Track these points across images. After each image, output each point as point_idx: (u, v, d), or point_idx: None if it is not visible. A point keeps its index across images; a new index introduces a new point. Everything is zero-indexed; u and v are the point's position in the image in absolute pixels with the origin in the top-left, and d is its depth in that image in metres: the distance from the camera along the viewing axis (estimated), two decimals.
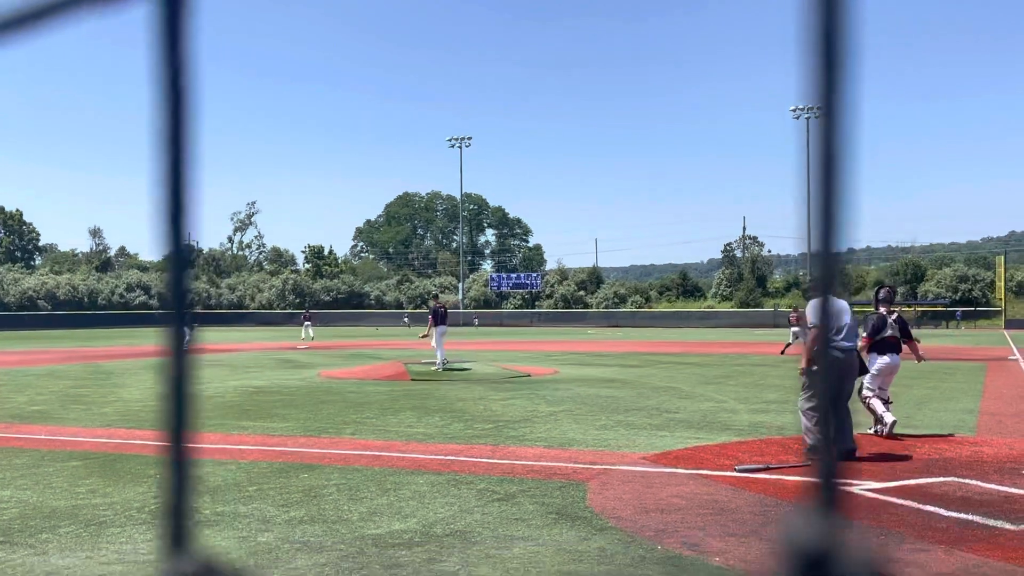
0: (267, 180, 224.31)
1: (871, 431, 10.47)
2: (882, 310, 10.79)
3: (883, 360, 10.65)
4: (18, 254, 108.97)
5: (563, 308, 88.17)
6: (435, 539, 6.10)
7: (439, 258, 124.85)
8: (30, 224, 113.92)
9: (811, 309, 10.73)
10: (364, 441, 10.49)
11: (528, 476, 8.24)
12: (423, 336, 22.94)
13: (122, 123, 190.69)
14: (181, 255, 0.62)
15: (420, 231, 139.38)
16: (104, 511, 6.91)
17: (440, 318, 21.93)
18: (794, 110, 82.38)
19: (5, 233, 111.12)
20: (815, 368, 9.69)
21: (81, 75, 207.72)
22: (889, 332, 10.62)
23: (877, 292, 11.07)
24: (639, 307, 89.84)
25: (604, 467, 8.65)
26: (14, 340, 49.78)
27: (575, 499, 7.27)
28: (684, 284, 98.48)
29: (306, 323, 49.38)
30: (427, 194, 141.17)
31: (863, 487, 7.59)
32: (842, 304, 9.95)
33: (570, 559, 5.62)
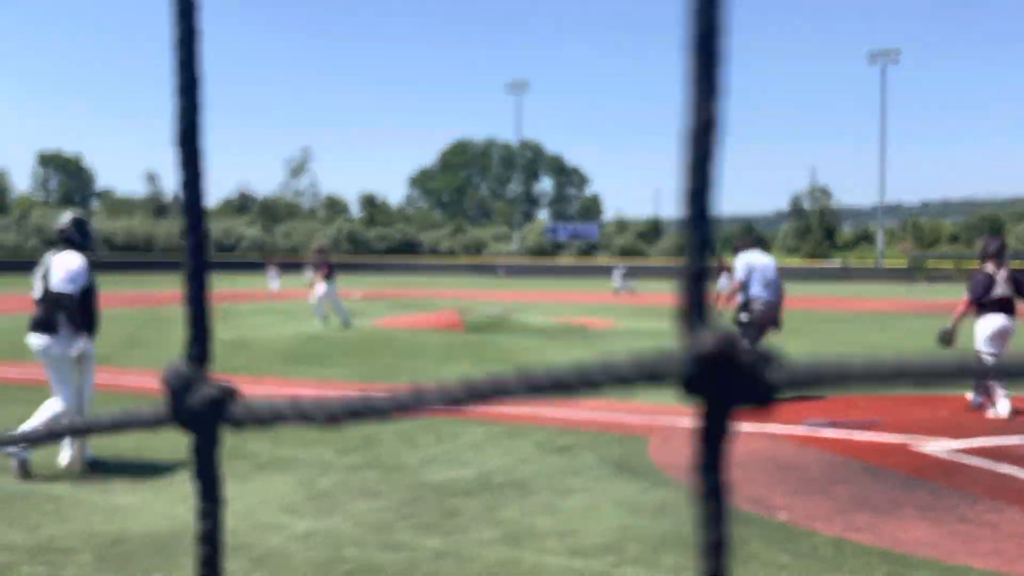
0: (322, 126, 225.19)
1: (972, 399, 9.70)
2: (989, 267, 9.38)
3: (992, 323, 9.29)
4: (76, 199, 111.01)
5: (621, 259, 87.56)
6: (493, 488, 6.04)
7: (494, 207, 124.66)
8: (88, 169, 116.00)
9: (739, 263, 10.51)
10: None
11: (586, 428, 8.14)
12: (310, 285, 21.06)
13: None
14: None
15: (475, 179, 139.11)
16: (167, 453, 6.97)
17: (331, 271, 20.53)
18: (870, 56, 79.14)
19: (64, 178, 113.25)
20: (742, 318, 10.25)
21: (143, 16, 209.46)
22: (999, 292, 9.28)
23: (986, 246, 9.55)
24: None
25: (665, 421, 8.51)
26: None
27: (635, 453, 7.16)
28: (752, 234, 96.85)
29: (270, 275, 40.52)
30: (483, 141, 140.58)
31: (936, 446, 7.35)
32: (769, 260, 10.69)
33: (629, 512, 5.52)
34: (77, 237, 6.68)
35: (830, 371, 0.45)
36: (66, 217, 6.81)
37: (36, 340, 6.49)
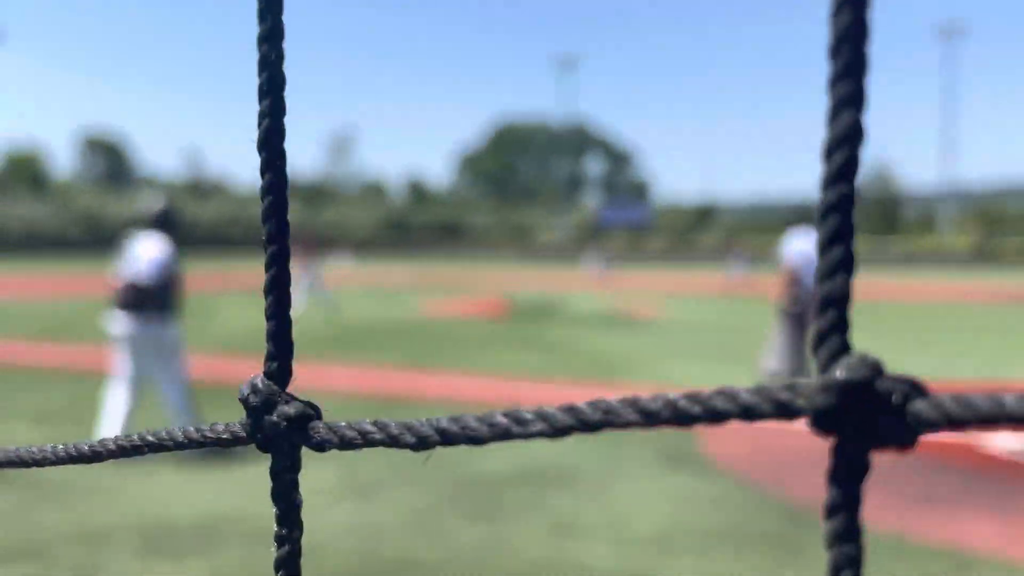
0: (366, 106, 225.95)
1: None
2: None
3: None
4: (117, 183, 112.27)
5: (672, 244, 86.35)
6: (541, 478, 5.92)
7: (541, 189, 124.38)
8: (129, 153, 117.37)
9: (790, 247, 9.92)
10: (466, 376, 10.39)
11: None
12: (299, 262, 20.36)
13: (212, 46, 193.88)
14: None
15: (522, 160, 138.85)
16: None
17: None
18: (940, 30, 76.79)
19: (107, 161, 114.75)
20: (792, 310, 9.25)
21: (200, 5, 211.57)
22: None
23: None
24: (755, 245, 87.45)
25: None
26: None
27: (685, 444, 7.00)
28: (805, 219, 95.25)
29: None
30: (530, 123, 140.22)
31: (1001, 444, 7.08)
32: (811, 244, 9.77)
33: (682, 504, 5.38)
34: (166, 222, 6.77)
35: (985, 408, 0.37)
36: (155, 202, 6.88)
37: (122, 324, 6.50)
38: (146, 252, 6.53)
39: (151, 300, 6.46)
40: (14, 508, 5.16)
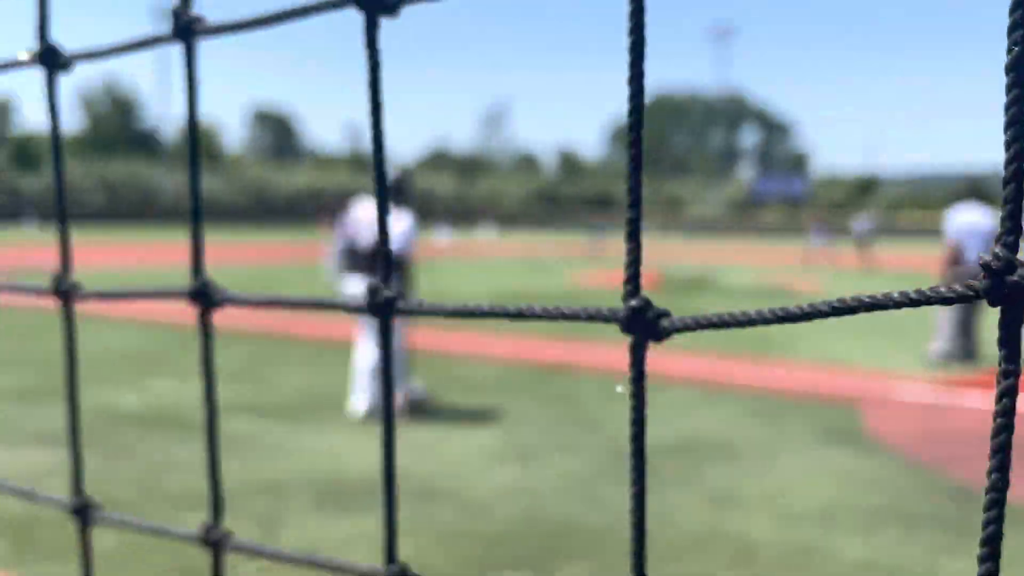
0: (518, 79, 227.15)
1: None
2: None
3: None
4: (284, 155, 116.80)
5: (831, 217, 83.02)
6: (696, 451, 5.92)
7: (693, 160, 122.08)
8: (295, 126, 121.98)
9: (951, 221, 9.11)
10: (619, 347, 10.41)
11: (793, 394, 7.83)
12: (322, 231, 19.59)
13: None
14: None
15: (674, 131, 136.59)
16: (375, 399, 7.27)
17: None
18: None
19: (274, 134, 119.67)
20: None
21: None
22: None
23: None
24: (919, 219, 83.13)
25: (882, 389, 8.06)
26: (284, 236, 54.17)
27: (848, 421, 6.82)
28: (977, 194, 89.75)
29: (441, 229, 30.44)
30: (683, 93, 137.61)
31: None
32: (986, 217, 9.22)
33: (844, 483, 5.27)
34: (400, 191, 6.86)
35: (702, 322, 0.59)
36: (395, 171, 6.98)
37: (356, 286, 6.78)
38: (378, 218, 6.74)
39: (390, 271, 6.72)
40: (202, 461, 5.57)
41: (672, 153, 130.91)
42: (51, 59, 0.64)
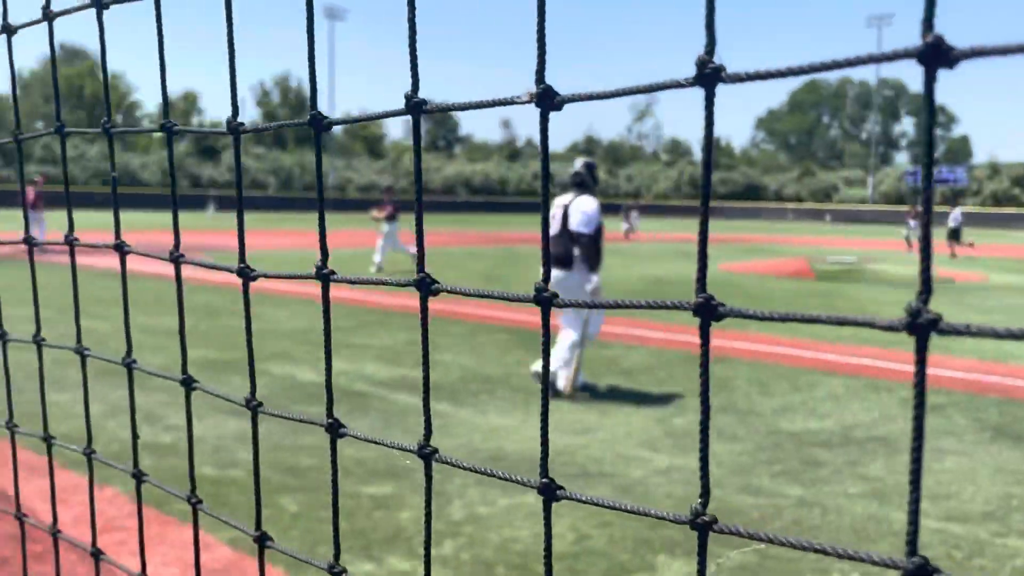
0: (668, 65, 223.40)
1: None
2: None
3: None
4: (440, 144, 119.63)
5: (993, 208, 78.32)
6: (855, 443, 5.84)
7: (846, 149, 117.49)
8: (451, 118, 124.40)
9: None
10: (772, 337, 10.29)
11: (958, 388, 7.57)
12: (375, 218, 19.20)
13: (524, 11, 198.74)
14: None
15: (826, 120, 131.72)
16: (530, 382, 7.47)
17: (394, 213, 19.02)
18: None
19: (431, 124, 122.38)
20: None
21: None
22: None
23: None
24: None
25: None
26: (438, 223, 55.35)
27: (1015, 417, 6.56)
28: None
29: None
30: (837, 80, 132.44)
31: None
32: None
33: (1012, 481, 5.10)
34: (589, 180, 7.19)
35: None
36: (579, 162, 7.29)
37: (552, 273, 7.11)
38: (575, 210, 6.98)
39: (577, 253, 6.98)
40: (371, 431, 5.90)
41: (824, 140, 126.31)
42: (546, 100, 0.73)
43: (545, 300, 0.74)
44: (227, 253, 22.87)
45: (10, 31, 1.18)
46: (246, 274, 1.00)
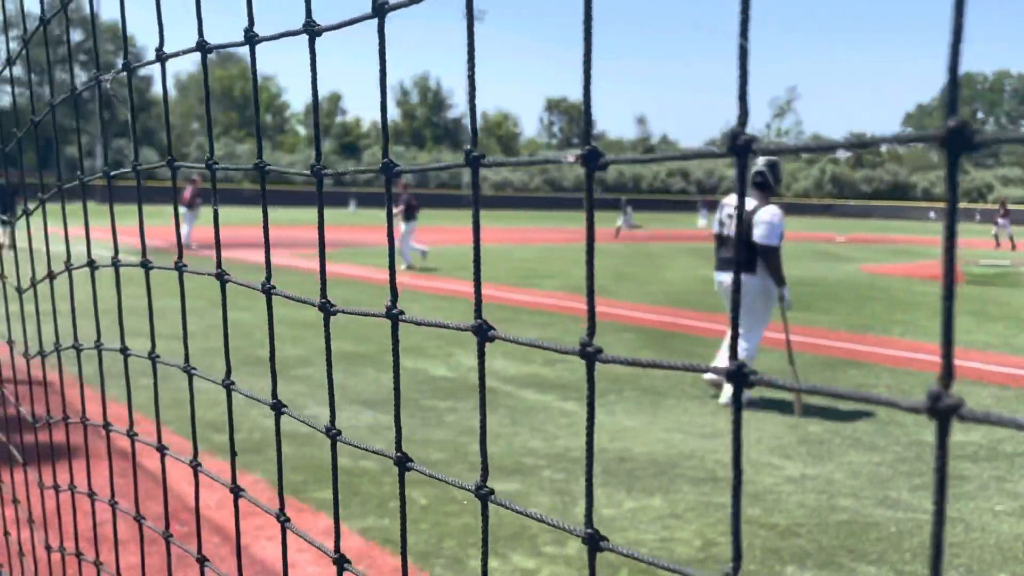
0: (809, 63, 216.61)
1: None
2: None
3: None
4: (574, 140, 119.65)
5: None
6: (1004, 457, 5.54)
7: (1003, 146, 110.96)
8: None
9: None
10: (914, 343, 9.85)
11: None
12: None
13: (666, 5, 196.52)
14: None
15: (981, 115, 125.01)
16: (660, 382, 7.40)
17: (411, 210, 17.97)
18: None
19: (566, 123, 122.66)
20: None
21: None
22: None
23: None
24: None
25: None
26: (569, 220, 55.33)
27: None
28: None
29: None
30: (993, 73, 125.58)
31: None
32: None
33: None
34: (771, 180, 6.83)
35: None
36: (761, 160, 6.90)
37: (727, 277, 6.95)
38: (759, 218, 6.61)
39: (760, 262, 6.69)
40: (499, 427, 5.97)
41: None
42: (592, 159, 0.74)
43: (590, 356, 0.77)
44: (370, 249, 23.57)
45: (163, 59, 1.27)
46: (327, 309, 1.13)
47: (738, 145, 0.60)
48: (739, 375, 0.63)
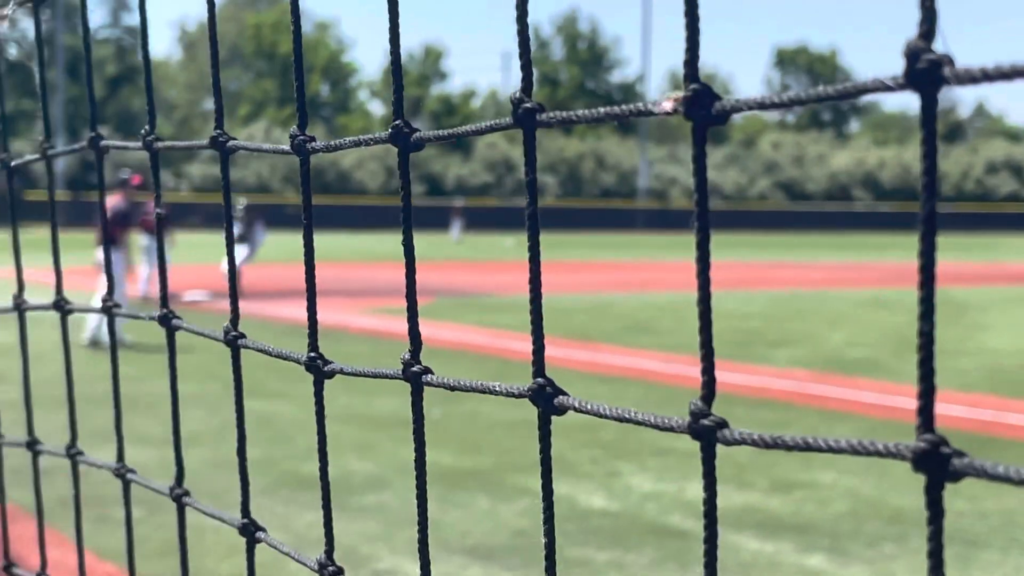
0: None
1: None
2: None
3: None
4: (825, 119, 77.88)
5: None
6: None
7: None
8: (843, 67, 79.59)
9: None
10: None
11: None
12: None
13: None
14: None
15: None
16: (968, 522, 4.93)
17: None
18: None
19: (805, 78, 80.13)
20: None
21: None
22: None
23: None
24: None
25: None
26: (817, 247, 38.62)
27: None
28: None
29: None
30: None
31: None
32: None
33: None
34: None
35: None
36: None
37: None
38: None
39: None
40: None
41: None
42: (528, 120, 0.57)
43: (707, 431, 0.59)
44: (490, 298, 17.27)
45: None
46: (320, 371, 0.88)
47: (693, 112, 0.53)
48: (705, 429, 0.57)
